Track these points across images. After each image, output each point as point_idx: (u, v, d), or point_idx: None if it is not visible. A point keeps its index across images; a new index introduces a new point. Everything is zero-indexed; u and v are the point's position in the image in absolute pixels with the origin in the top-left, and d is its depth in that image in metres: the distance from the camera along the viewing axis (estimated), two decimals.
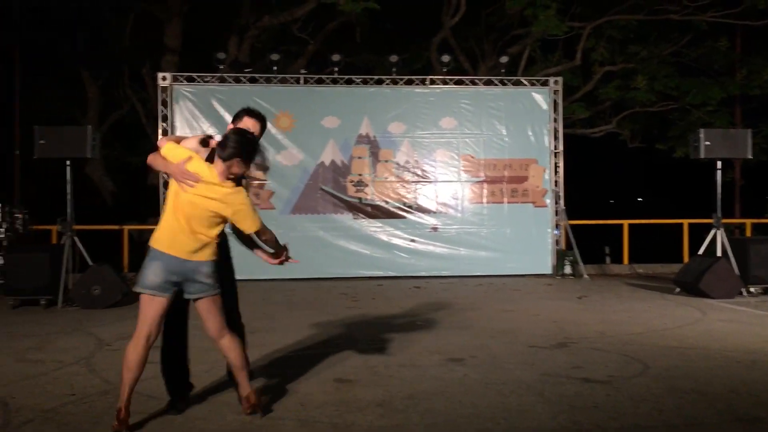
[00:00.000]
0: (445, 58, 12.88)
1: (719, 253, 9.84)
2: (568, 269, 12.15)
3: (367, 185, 12.30)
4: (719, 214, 10.02)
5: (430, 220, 12.39)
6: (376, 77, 12.67)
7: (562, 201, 12.57)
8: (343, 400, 4.55)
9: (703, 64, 16.30)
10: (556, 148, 12.64)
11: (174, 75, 12.29)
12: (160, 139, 5.13)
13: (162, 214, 4.07)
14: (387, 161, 12.37)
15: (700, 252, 10.09)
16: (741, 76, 16.17)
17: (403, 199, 12.38)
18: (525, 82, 12.90)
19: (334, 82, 12.40)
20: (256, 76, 12.49)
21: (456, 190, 12.48)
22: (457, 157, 12.49)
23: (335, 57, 12.37)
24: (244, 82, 12.28)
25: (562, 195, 12.60)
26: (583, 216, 14.23)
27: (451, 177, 12.48)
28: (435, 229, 12.37)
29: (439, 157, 12.47)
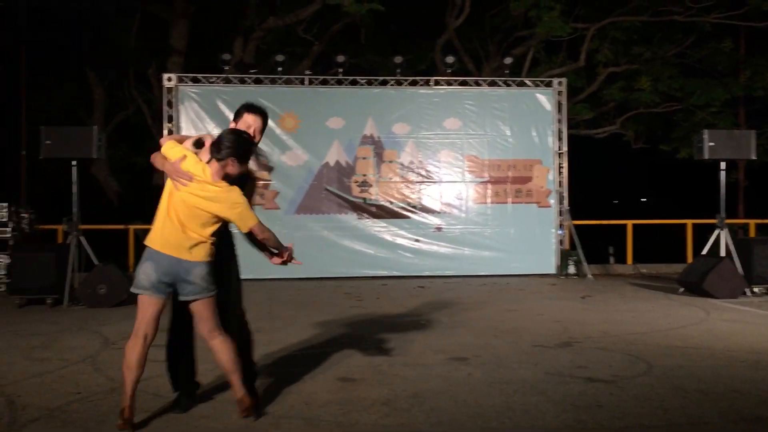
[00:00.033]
0: (450, 59, 12.87)
1: (723, 254, 9.84)
2: (572, 269, 12.16)
3: (371, 185, 12.32)
4: (723, 215, 10.02)
5: (434, 220, 12.41)
6: (381, 78, 12.68)
7: (566, 201, 12.57)
8: (348, 399, 4.57)
9: (707, 65, 16.28)
10: (560, 148, 12.64)
11: (179, 76, 12.33)
12: (163, 137, 5.14)
13: (156, 213, 4.04)
14: (391, 162, 12.39)
15: (704, 252, 10.11)
16: (745, 77, 16.17)
17: (408, 199, 12.39)
18: (529, 83, 12.91)
19: (339, 83, 12.42)
20: (261, 77, 12.55)
21: (460, 190, 12.49)
22: (461, 157, 12.50)
23: (340, 58, 12.39)
24: (249, 83, 12.32)
25: (566, 195, 12.60)
26: (587, 216, 14.21)
27: (455, 177, 12.49)
28: (439, 229, 12.38)
29: (443, 157, 12.49)
